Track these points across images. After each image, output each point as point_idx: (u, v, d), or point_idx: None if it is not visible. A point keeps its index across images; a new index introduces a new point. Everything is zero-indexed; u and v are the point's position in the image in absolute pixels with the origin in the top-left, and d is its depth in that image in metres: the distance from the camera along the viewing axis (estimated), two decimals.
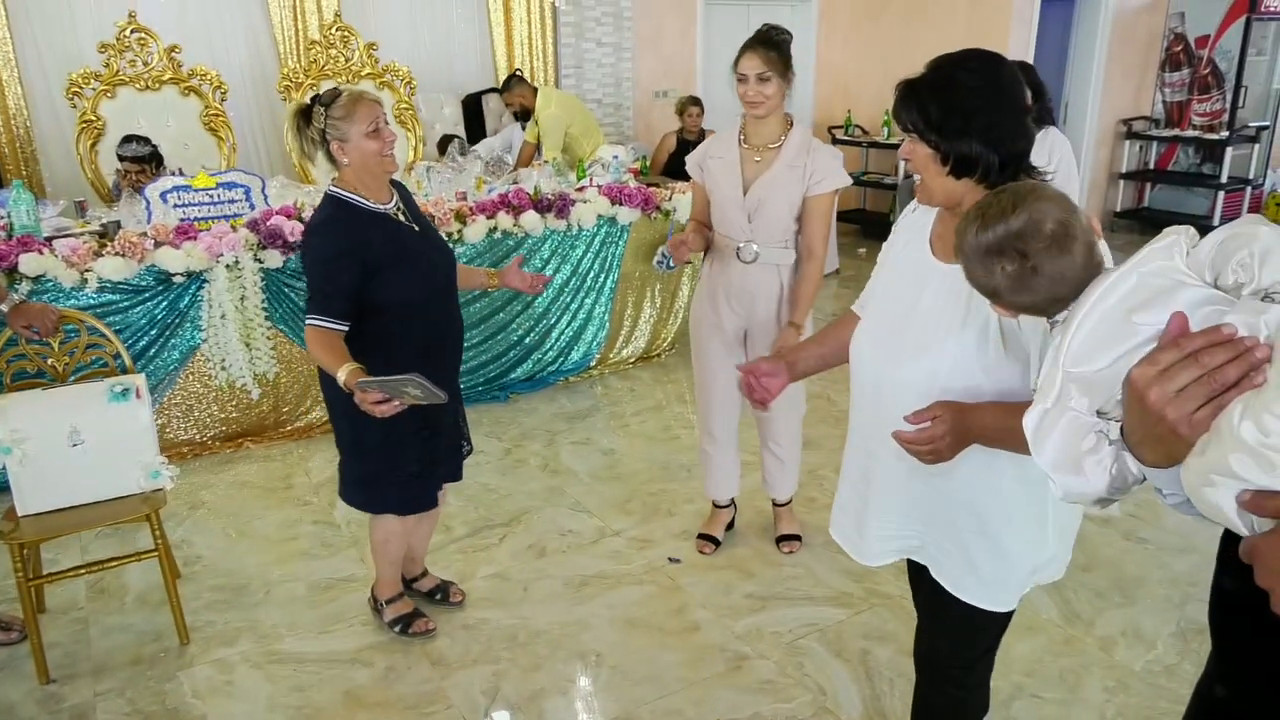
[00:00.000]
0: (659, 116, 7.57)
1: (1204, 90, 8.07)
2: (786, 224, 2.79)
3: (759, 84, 2.67)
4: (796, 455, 3.17)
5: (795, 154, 2.75)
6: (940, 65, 1.56)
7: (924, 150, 1.52)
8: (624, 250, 4.75)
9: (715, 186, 2.86)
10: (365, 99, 2.31)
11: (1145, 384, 0.83)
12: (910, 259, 1.67)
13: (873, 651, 2.65)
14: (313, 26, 6.14)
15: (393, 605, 2.75)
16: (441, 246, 2.55)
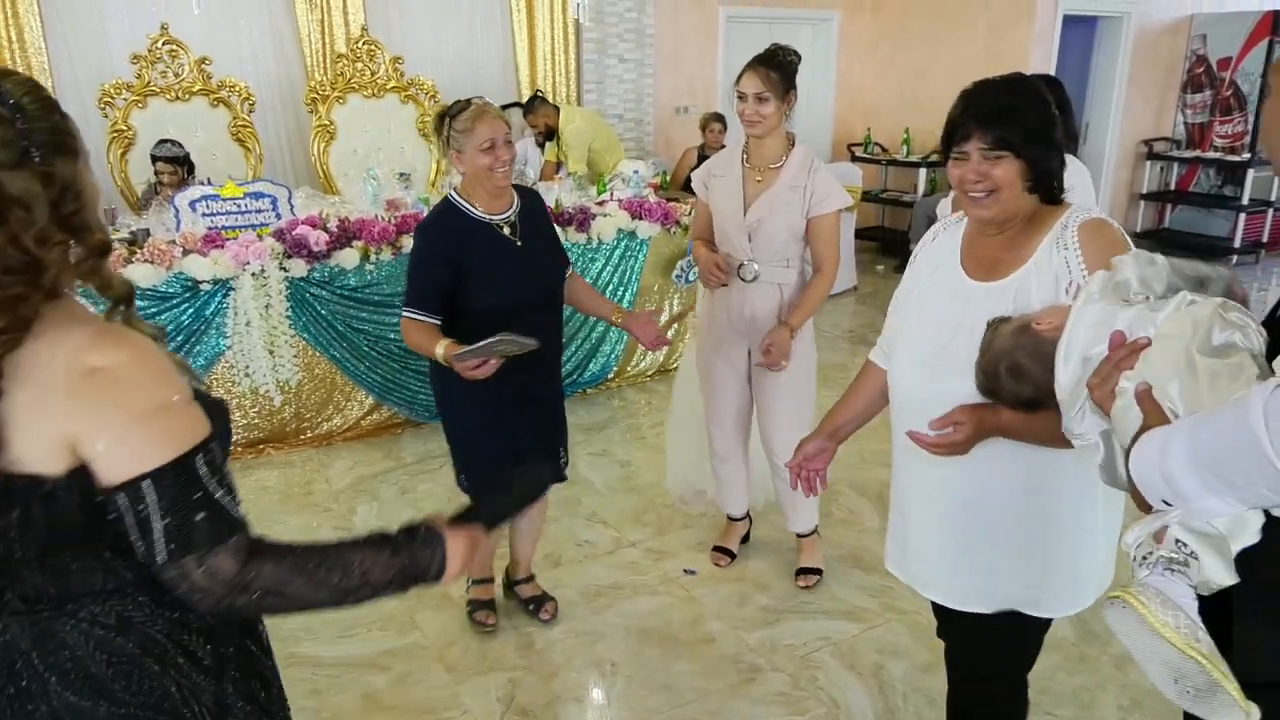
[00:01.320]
0: (679, 132, 7.63)
1: (1226, 112, 8.06)
2: (786, 244, 2.79)
3: (757, 104, 2.68)
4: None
5: (795, 174, 2.75)
6: (1018, 81, 1.58)
7: (1014, 166, 1.51)
8: (643, 264, 4.80)
9: (716, 205, 2.89)
10: (488, 116, 2.36)
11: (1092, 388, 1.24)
12: (944, 283, 1.67)
13: (886, 666, 2.66)
14: (339, 40, 6.24)
15: (474, 587, 2.87)
16: (544, 264, 2.55)
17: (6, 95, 0.93)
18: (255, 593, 1.01)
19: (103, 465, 0.95)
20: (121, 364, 0.96)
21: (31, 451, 0.94)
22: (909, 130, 8.00)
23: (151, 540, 0.97)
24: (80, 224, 0.98)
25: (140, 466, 0.96)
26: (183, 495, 0.98)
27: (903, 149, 7.98)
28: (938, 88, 7.93)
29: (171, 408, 0.99)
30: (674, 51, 7.67)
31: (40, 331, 0.95)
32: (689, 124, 7.25)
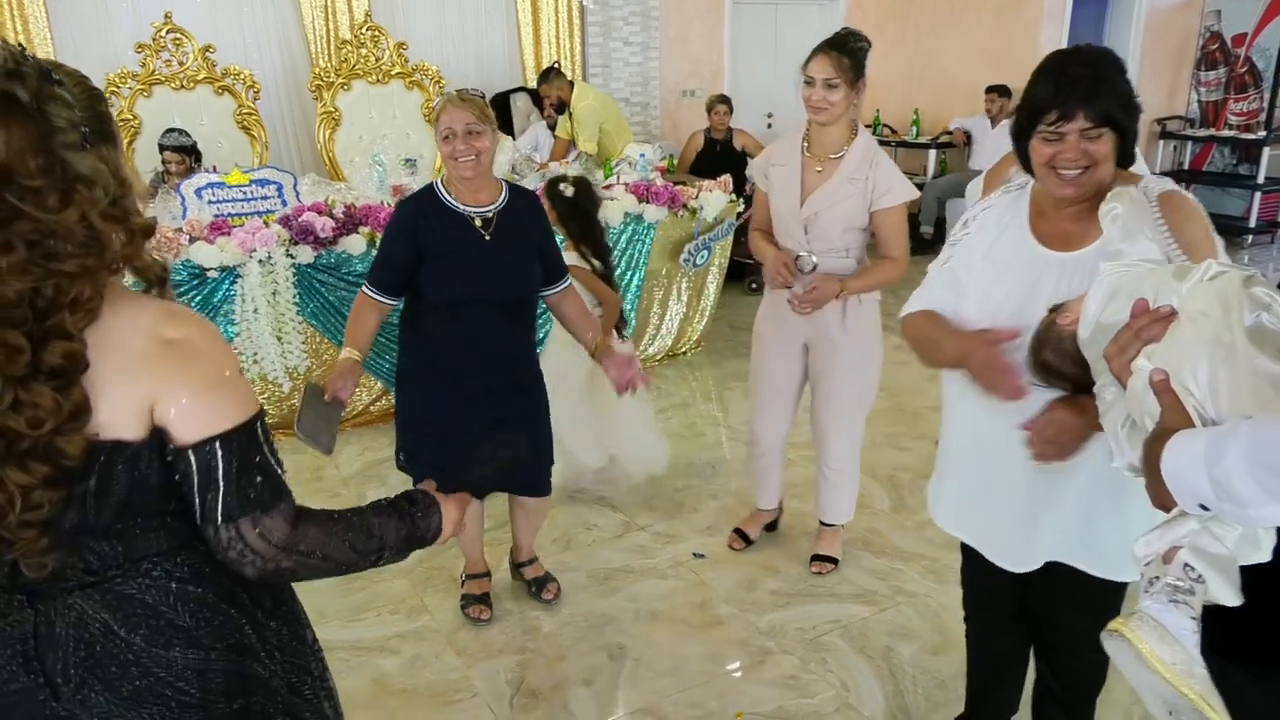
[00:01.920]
0: (686, 115, 7.59)
1: (1241, 89, 7.96)
2: (844, 236, 2.69)
3: (825, 90, 2.56)
4: (852, 480, 3.02)
5: (856, 166, 2.64)
6: (1100, 53, 1.54)
7: (1110, 140, 1.50)
8: (651, 248, 4.77)
9: (775, 196, 2.77)
10: (450, 104, 2.34)
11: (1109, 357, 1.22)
12: (1015, 253, 1.65)
13: (896, 649, 2.65)
14: (344, 26, 6.22)
15: (469, 581, 2.87)
16: (512, 268, 2.44)
17: (64, 83, 0.98)
18: (300, 555, 1.10)
19: (178, 426, 1.03)
20: (194, 337, 1.04)
21: (116, 416, 1.00)
22: (918, 111, 7.93)
23: (215, 499, 1.04)
24: (126, 208, 1.03)
25: (212, 428, 1.03)
26: (246, 458, 1.05)
27: (912, 130, 7.91)
28: (946, 69, 7.86)
29: (235, 378, 1.07)
30: (680, 34, 7.62)
31: (110, 306, 1.01)
32: (696, 107, 7.21)
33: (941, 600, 2.85)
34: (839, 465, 2.97)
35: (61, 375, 0.95)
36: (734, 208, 5.00)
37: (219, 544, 1.07)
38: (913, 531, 3.30)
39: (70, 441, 0.97)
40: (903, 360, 5.02)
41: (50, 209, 0.94)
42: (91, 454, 0.99)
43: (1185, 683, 1.01)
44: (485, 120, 2.35)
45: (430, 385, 2.50)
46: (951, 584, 2.89)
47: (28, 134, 0.93)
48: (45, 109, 0.95)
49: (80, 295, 0.97)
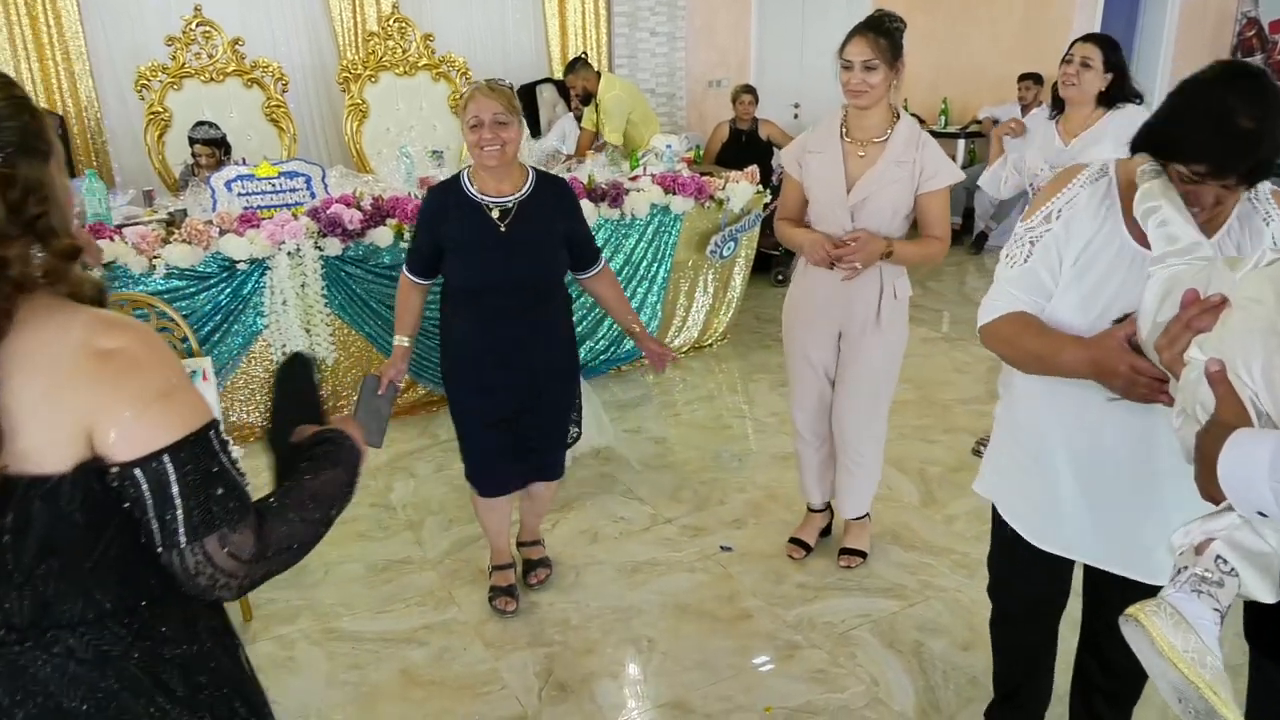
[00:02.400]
0: (712, 106, 7.54)
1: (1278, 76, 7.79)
2: (891, 222, 2.64)
3: (864, 72, 2.51)
4: (872, 471, 2.98)
5: (903, 149, 2.59)
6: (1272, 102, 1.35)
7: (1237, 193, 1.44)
8: (677, 239, 4.75)
9: (815, 184, 2.69)
10: (478, 95, 2.37)
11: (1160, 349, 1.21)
12: (1115, 256, 1.56)
13: (926, 644, 2.63)
14: (371, 19, 6.24)
15: (495, 573, 2.89)
16: (528, 256, 2.48)
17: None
18: (271, 559, 1.04)
19: (120, 444, 0.94)
20: (132, 345, 0.96)
21: (39, 444, 0.92)
22: (946, 100, 7.84)
23: (174, 518, 0.96)
24: (45, 228, 0.96)
25: (158, 441, 0.95)
26: (202, 468, 0.98)
27: (940, 119, 7.83)
28: (975, 57, 7.76)
29: (183, 386, 1.00)
30: (706, 25, 7.57)
31: (29, 320, 0.93)
32: (722, 98, 7.17)
33: (972, 595, 2.82)
34: (861, 459, 2.93)
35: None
36: (761, 199, 4.97)
37: (185, 572, 0.99)
38: (942, 525, 3.27)
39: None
40: (929, 353, 5.01)
41: None
42: (5, 489, 0.91)
43: (1195, 670, 1.01)
44: (512, 111, 2.38)
45: (459, 363, 2.61)
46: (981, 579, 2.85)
47: None
48: None
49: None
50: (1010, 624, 2.08)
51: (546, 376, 2.62)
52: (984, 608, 2.15)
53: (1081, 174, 1.64)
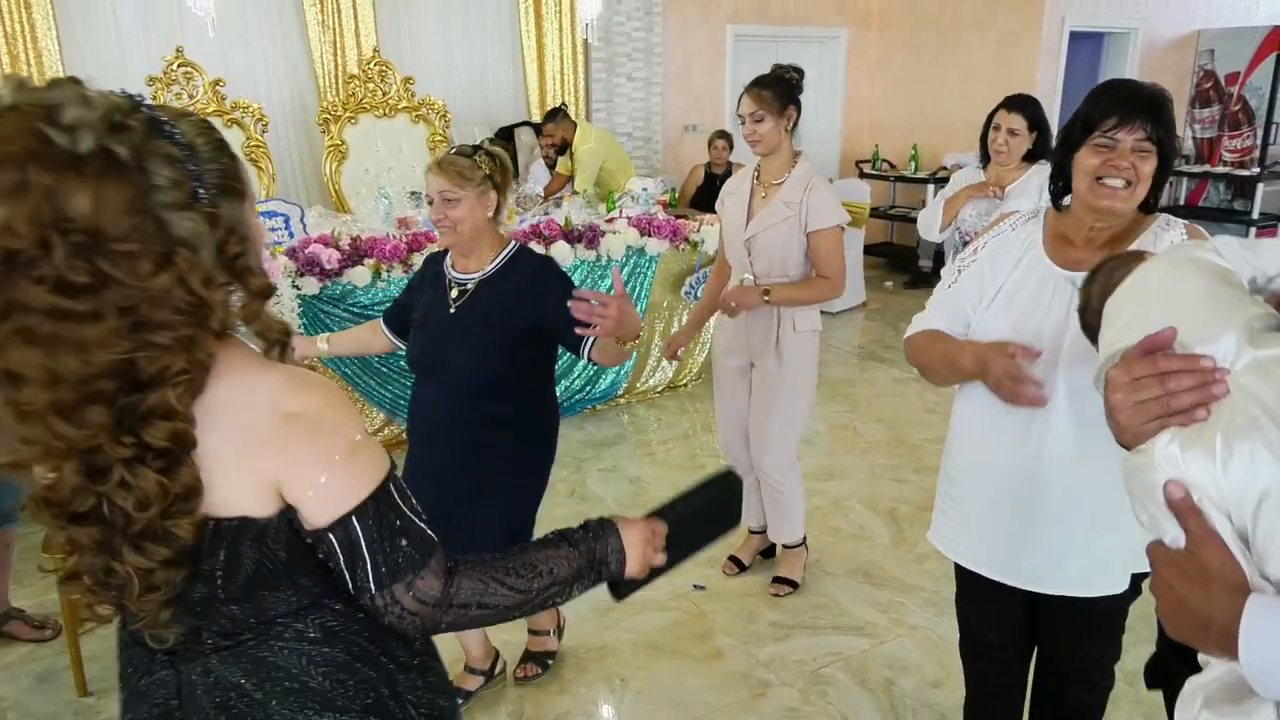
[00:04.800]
0: (688, 150, 7.68)
1: (1235, 126, 8.06)
2: (784, 259, 2.84)
3: (753, 123, 2.77)
4: (795, 499, 3.07)
5: (791, 191, 2.81)
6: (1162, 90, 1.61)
7: (1154, 163, 1.57)
8: (652, 280, 4.82)
9: (725, 222, 2.99)
10: (429, 171, 2.19)
11: (1114, 386, 0.91)
12: (1038, 285, 1.70)
13: (897, 681, 2.65)
14: (351, 61, 6.32)
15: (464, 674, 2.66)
16: (467, 345, 2.20)
17: (180, 136, 0.92)
18: (457, 608, 1.06)
19: (311, 509, 0.98)
20: (317, 408, 0.98)
21: (239, 495, 0.96)
22: (917, 147, 8.03)
23: (365, 573, 1.01)
24: (243, 267, 0.98)
25: (346, 505, 0.99)
26: (386, 525, 1.01)
27: (910, 165, 8.01)
28: (945, 105, 7.97)
29: (363, 443, 1.02)
30: (682, 70, 7.73)
31: (223, 374, 0.95)
32: (698, 142, 7.30)
33: (941, 633, 2.86)
34: (780, 486, 3.06)
35: (166, 455, 0.90)
36: None
37: (376, 610, 1.04)
38: (912, 564, 3.31)
39: (180, 525, 0.92)
40: (900, 394, 5.09)
41: (143, 275, 0.87)
42: (218, 532, 0.95)
43: None
44: (465, 184, 2.14)
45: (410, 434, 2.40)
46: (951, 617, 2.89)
47: (122, 194, 0.86)
48: (146, 166, 0.88)
49: (171, 368, 0.90)
50: (979, 660, 2.12)
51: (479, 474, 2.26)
52: (955, 646, 2.19)
53: (1014, 216, 1.83)
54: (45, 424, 0.87)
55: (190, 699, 1.03)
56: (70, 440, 0.88)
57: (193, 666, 1.03)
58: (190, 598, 0.97)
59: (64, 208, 0.83)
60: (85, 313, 0.85)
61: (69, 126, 0.84)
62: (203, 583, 0.97)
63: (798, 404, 3.00)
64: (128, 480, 0.89)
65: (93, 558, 0.94)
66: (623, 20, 7.34)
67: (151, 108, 0.92)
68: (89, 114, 0.85)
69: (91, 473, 0.90)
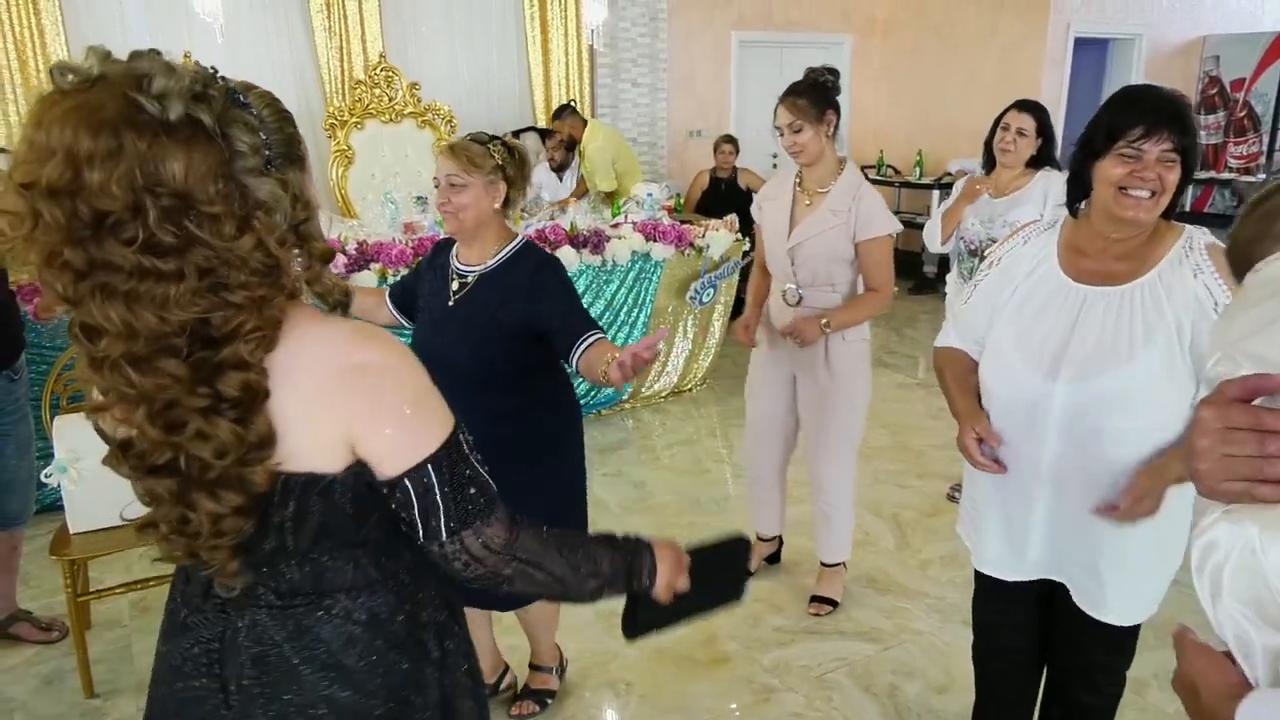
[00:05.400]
0: (693, 155, 7.69)
1: (1240, 133, 8.06)
2: (830, 268, 2.76)
3: (792, 134, 2.69)
4: (847, 517, 3.04)
5: (839, 199, 2.73)
6: (1181, 97, 1.61)
7: (1175, 177, 1.58)
8: (658, 285, 4.83)
9: (766, 228, 2.90)
10: (439, 152, 2.17)
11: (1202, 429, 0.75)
12: (1047, 288, 1.72)
13: (901, 687, 2.65)
14: (358, 67, 6.34)
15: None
16: (462, 339, 2.15)
17: (251, 106, 0.97)
18: (520, 561, 1.09)
19: (387, 457, 1.01)
20: (386, 358, 1.02)
21: (309, 447, 0.99)
22: (921, 152, 8.03)
23: (438, 519, 1.04)
24: (307, 232, 1.02)
25: (421, 452, 1.02)
26: (457, 472, 1.05)
27: (915, 171, 8.01)
28: (949, 111, 7.97)
29: (430, 392, 1.05)
30: (687, 76, 7.75)
31: (294, 331, 0.99)
32: (702, 147, 7.32)
33: (946, 638, 2.86)
34: (833, 502, 3.01)
35: (240, 406, 0.94)
36: (740, 246, 5.07)
37: (443, 558, 1.07)
38: (916, 570, 3.31)
39: (255, 472, 0.96)
40: (904, 399, 5.09)
41: (227, 236, 0.91)
42: (288, 485, 0.99)
43: None
44: (473, 170, 2.09)
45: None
46: (956, 622, 2.90)
47: (209, 159, 0.90)
48: (229, 133, 0.93)
49: (244, 326, 0.94)
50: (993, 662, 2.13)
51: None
52: (959, 651, 2.19)
53: (1030, 227, 1.84)
54: (119, 372, 0.91)
55: (231, 644, 1.08)
56: (142, 389, 0.92)
57: (242, 614, 1.08)
58: (261, 550, 1.03)
59: (157, 172, 0.87)
60: (169, 272, 0.89)
61: (159, 95, 0.88)
62: (273, 535, 1.02)
63: (854, 416, 2.92)
64: (204, 430, 0.93)
65: (169, 508, 0.98)
66: (628, 26, 7.36)
67: (225, 79, 0.97)
68: (176, 83, 0.89)
69: (170, 426, 0.94)
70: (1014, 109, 3.39)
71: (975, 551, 1.95)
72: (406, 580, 1.14)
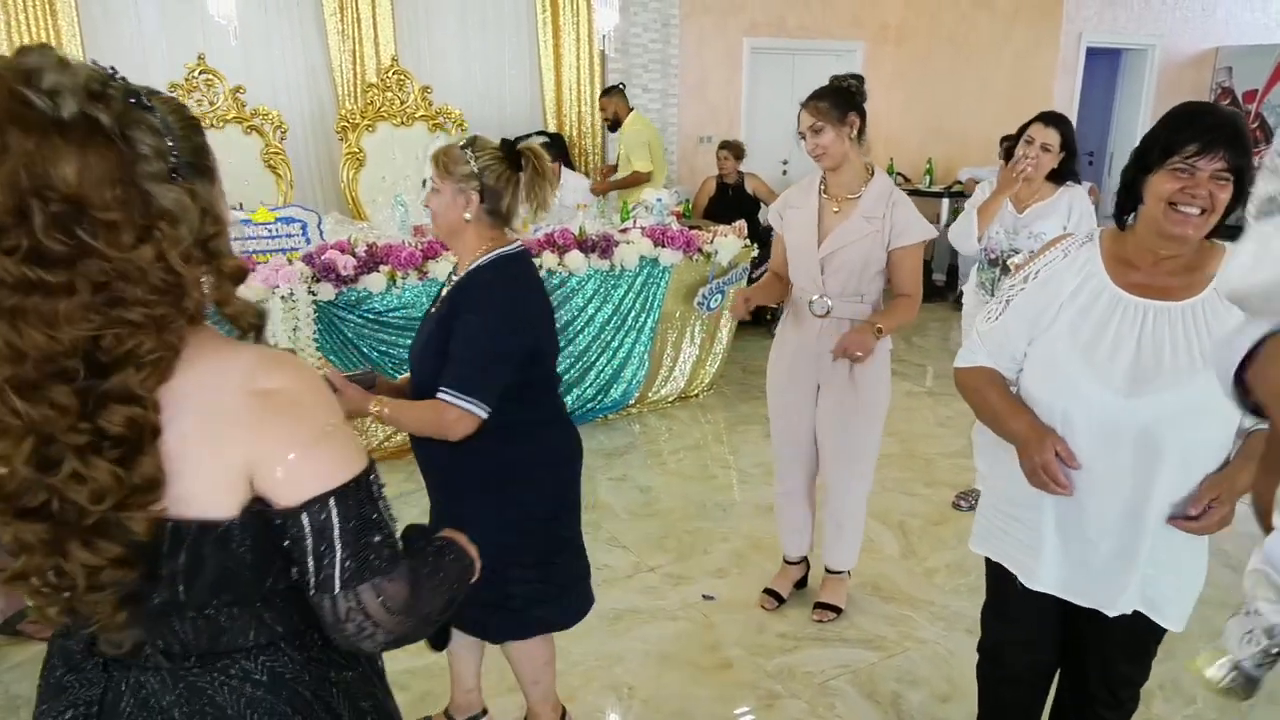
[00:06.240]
0: (703, 161, 7.70)
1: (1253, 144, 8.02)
2: (861, 277, 2.72)
3: (814, 136, 2.65)
4: (858, 526, 3.03)
5: (873, 205, 2.68)
6: (1239, 117, 1.62)
7: (1230, 192, 1.56)
8: (665, 291, 4.84)
9: (791, 237, 2.82)
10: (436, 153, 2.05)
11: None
12: (1108, 306, 1.67)
13: (905, 695, 2.65)
14: (370, 70, 6.37)
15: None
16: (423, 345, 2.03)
17: (155, 110, 0.89)
18: (416, 620, 1.01)
19: (285, 485, 0.92)
20: (294, 385, 0.94)
21: (204, 488, 0.90)
22: (931, 160, 8.03)
23: (333, 563, 0.94)
24: (217, 249, 0.94)
25: (325, 484, 0.93)
26: (363, 514, 0.95)
27: (925, 179, 8.00)
28: (961, 119, 7.97)
29: (342, 428, 0.97)
30: (698, 82, 7.76)
31: (192, 359, 0.91)
32: (711, 153, 7.32)
33: (950, 647, 2.85)
34: (848, 511, 2.98)
35: (124, 444, 0.85)
36: (748, 252, 5.07)
37: (336, 617, 0.95)
38: (921, 578, 3.30)
39: (134, 519, 0.86)
40: (912, 407, 5.08)
41: (125, 246, 0.83)
42: (178, 533, 0.90)
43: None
44: (444, 176, 1.98)
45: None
46: (960, 631, 2.90)
47: (106, 162, 0.83)
48: (130, 135, 0.85)
49: (140, 348, 0.85)
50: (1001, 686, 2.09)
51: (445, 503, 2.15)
52: (962, 660, 2.19)
53: (1066, 241, 1.80)
54: (3, 400, 0.82)
55: (112, 709, 0.97)
56: (30, 421, 0.82)
57: (126, 676, 0.98)
58: (148, 605, 0.93)
59: (46, 174, 0.79)
60: (58, 285, 0.81)
61: (50, 91, 0.81)
62: (164, 588, 0.92)
63: (876, 425, 2.90)
64: (80, 471, 0.84)
65: (41, 558, 0.88)
66: (639, 32, 7.38)
67: (125, 79, 0.90)
68: (69, 79, 0.82)
69: (43, 464, 0.84)
70: (1038, 122, 3.31)
71: (1025, 572, 1.85)
72: (315, 636, 1.03)
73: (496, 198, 1.98)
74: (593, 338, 4.71)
